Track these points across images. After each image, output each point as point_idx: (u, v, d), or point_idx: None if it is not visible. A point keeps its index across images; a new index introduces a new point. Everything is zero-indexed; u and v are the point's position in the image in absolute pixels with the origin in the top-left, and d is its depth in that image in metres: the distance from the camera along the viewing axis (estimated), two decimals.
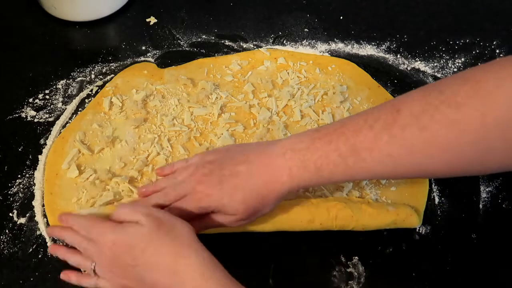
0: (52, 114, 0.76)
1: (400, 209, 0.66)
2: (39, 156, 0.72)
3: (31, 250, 0.64)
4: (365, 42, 0.87)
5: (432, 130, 0.50)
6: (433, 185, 0.71)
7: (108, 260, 0.54)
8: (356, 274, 0.63)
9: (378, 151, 0.53)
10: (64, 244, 0.61)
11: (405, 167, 0.53)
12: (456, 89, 0.49)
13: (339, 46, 0.87)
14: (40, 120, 0.76)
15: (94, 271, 0.56)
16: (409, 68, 0.84)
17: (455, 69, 0.83)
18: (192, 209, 0.59)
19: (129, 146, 0.72)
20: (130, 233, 0.54)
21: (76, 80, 0.81)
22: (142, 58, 0.84)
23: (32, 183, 0.69)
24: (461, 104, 0.48)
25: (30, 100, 0.78)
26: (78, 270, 0.59)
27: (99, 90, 0.79)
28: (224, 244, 0.65)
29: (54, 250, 0.61)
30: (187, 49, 0.86)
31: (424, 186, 0.70)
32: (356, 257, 0.65)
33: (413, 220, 0.66)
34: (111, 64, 0.83)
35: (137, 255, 0.53)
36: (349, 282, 0.63)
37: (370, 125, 0.53)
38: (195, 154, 0.64)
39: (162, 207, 0.60)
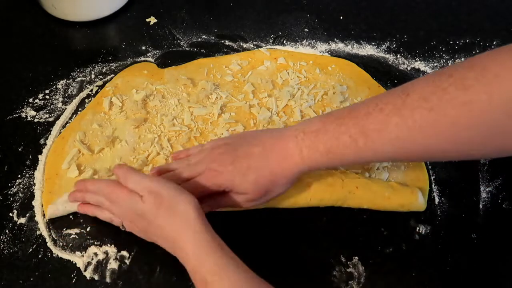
0: (52, 114, 0.76)
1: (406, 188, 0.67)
2: (39, 156, 0.72)
3: (31, 250, 0.64)
4: (365, 42, 0.87)
5: (440, 111, 0.51)
6: (433, 185, 0.71)
7: (129, 221, 0.60)
8: (356, 274, 0.63)
9: (388, 133, 0.54)
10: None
11: (414, 148, 0.54)
12: (464, 73, 0.51)
13: (339, 46, 0.87)
14: (40, 120, 0.76)
15: (123, 225, 0.62)
16: (409, 68, 0.84)
17: None
18: (205, 187, 0.61)
19: (129, 146, 0.72)
20: (137, 207, 0.57)
21: (76, 80, 0.81)
22: (142, 58, 0.84)
23: (32, 183, 0.69)
24: (469, 86, 0.49)
25: (30, 100, 0.78)
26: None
27: (99, 90, 0.79)
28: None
29: (84, 209, 0.64)
30: (187, 49, 0.86)
31: (423, 174, 0.71)
32: (356, 257, 0.65)
33: (418, 201, 0.67)
34: (111, 64, 0.83)
35: (146, 226, 0.58)
36: (349, 282, 0.63)
37: (381, 108, 0.54)
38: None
39: None
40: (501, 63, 0.49)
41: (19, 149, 0.73)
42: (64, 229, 0.66)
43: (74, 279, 0.62)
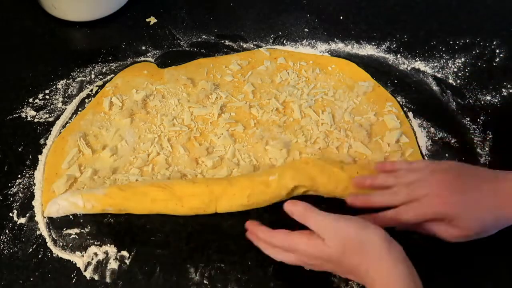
0: (52, 114, 0.76)
1: None
2: (39, 156, 0.72)
3: (31, 250, 0.64)
4: (365, 42, 0.87)
5: None
6: None
7: (314, 264, 0.57)
8: None
9: None
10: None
11: None
12: None
13: (339, 46, 0.87)
14: (40, 120, 0.76)
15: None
16: (409, 68, 0.84)
17: (455, 69, 0.83)
18: (425, 215, 0.57)
19: (129, 146, 0.72)
20: (319, 252, 0.54)
21: (76, 80, 0.81)
22: (142, 58, 0.84)
23: (32, 183, 0.69)
24: None
25: (30, 100, 0.78)
26: None
27: (99, 90, 0.79)
28: (224, 245, 0.65)
29: (253, 237, 0.61)
30: (187, 49, 0.86)
31: None
32: None
33: None
34: (111, 64, 0.83)
35: (333, 267, 0.55)
36: (349, 282, 0.63)
37: None
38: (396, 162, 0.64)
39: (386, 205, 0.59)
40: None
41: (19, 149, 0.73)
42: (64, 229, 0.66)
43: (74, 279, 0.62)
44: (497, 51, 0.86)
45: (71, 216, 0.67)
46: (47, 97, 0.78)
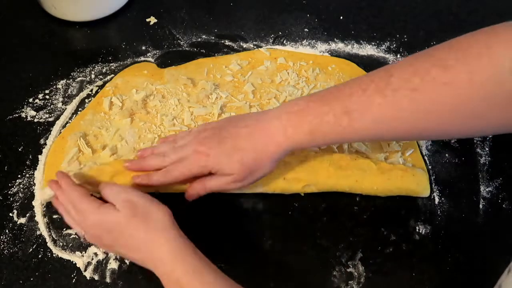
0: (52, 114, 0.76)
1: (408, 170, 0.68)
2: (39, 156, 0.72)
3: (31, 250, 0.64)
4: (365, 42, 0.87)
5: (422, 91, 0.52)
6: (433, 185, 0.71)
7: (92, 235, 0.60)
8: (356, 274, 0.63)
9: (371, 113, 0.55)
10: None
11: (397, 128, 0.55)
12: (446, 53, 0.53)
13: (339, 46, 0.87)
14: (40, 120, 0.76)
15: (84, 237, 0.61)
16: None
17: None
18: (191, 170, 0.61)
19: (129, 146, 0.72)
20: (108, 218, 0.57)
21: (76, 80, 0.81)
22: (142, 58, 0.84)
23: (32, 183, 0.69)
24: (450, 67, 0.51)
25: (30, 100, 0.78)
26: None
27: (99, 90, 0.79)
28: (225, 245, 0.65)
29: (56, 205, 0.62)
30: (187, 49, 0.86)
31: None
32: (356, 257, 0.65)
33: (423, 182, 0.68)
34: (111, 64, 0.83)
35: (115, 237, 0.57)
36: (349, 282, 0.63)
37: (364, 89, 0.55)
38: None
39: (159, 169, 0.63)
40: (481, 44, 0.50)
41: (19, 149, 0.73)
42: (64, 229, 0.66)
43: (74, 279, 0.62)
44: None
45: None
46: (47, 97, 0.78)
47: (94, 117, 0.75)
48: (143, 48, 0.86)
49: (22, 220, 0.66)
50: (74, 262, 0.63)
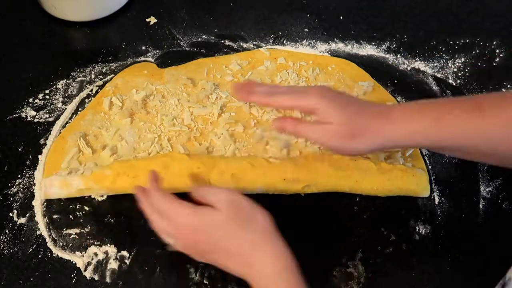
0: (52, 114, 0.76)
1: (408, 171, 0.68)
2: (39, 156, 0.72)
3: (31, 250, 0.64)
4: (365, 42, 0.87)
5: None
6: (433, 185, 0.71)
7: (185, 241, 0.56)
8: (356, 274, 0.63)
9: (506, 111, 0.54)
10: None
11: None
12: None
13: (339, 46, 0.87)
14: (40, 120, 0.76)
15: (173, 245, 0.57)
16: (409, 68, 0.84)
17: (455, 69, 0.83)
18: (296, 100, 0.58)
19: (129, 146, 0.72)
20: (207, 220, 0.54)
21: (76, 80, 0.81)
22: (142, 58, 0.84)
23: (32, 183, 0.69)
24: None
25: (30, 100, 0.78)
26: None
27: (99, 90, 0.79)
28: None
29: (142, 203, 0.58)
30: (187, 49, 0.86)
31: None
32: (356, 257, 0.65)
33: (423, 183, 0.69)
34: (111, 64, 0.83)
35: (215, 240, 0.53)
36: (349, 282, 0.63)
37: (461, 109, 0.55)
38: None
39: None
40: None
41: (19, 149, 0.73)
42: (64, 229, 0.66)
43: (74, 279, 0.62)
44: (497, 51, 0.86)
45: (71, 216, 0.67)
46: (47, 97, 0.78)
47: (94, 117, 0.75)
48: (143, 48, 0.86)
49: (22, 220, 0.66)
50: (74, 262, 0.63)
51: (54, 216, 0.67)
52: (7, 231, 0.65)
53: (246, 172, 0.67)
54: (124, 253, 0.64)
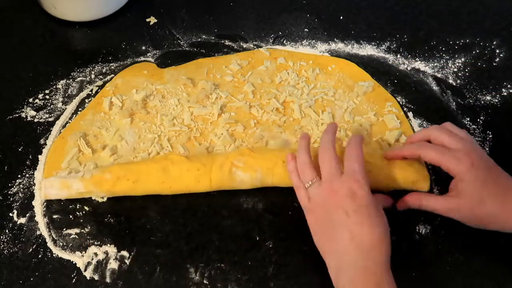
0: (52, 114, 0.76)
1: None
2: (39, 156, 0.72)
3: (31, 250, 0.64)
4: (365, 42, 0.87)
5: None
6: (433, 185, 0.71)
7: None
8: None
9: None
10: None
11: None
12: None
13: (339, 46, 0.87)
14: (40, 120, 0.76)
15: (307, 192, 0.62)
16: (409, 68, 0.84)
17: (455, 69, 0.83)
18: (442, 159, 0.62)
19: (129, 146, 0.72)
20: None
21: (76, 80, 0.81)
22: (142, 58, 0.84)
23: (32, 183, 0.69)
24: None
25: (30, 100, 0.78)
26: None
27: (99, 90, 0.79)
28: (225, 245, 0.65)
29: (290, 160, 0.65)
30: (187, 49, 0.86)
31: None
32: None
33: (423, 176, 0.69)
34: (111, 64, 0.83)
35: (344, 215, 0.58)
36: None
37: None
38: None
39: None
40: None
41: (19, 149, 0.73)
42: (64, 229, 0.66)
43: (74, 279, 0.62)
44: (497, 51, 0.86)
45: (71, 216, 0.67)
46: (47, 97, 0.78)
47: (94, 117, 0.75)
48: (143, 48, 0.86)
49: (22, 220, 0.66)
50: (74, 262, 0.63)
51: (54, 216, 0.67)
52: (7, 231, 0.65)
53: (245, 159, 0.67)
54: (124, 253, 0.64)
